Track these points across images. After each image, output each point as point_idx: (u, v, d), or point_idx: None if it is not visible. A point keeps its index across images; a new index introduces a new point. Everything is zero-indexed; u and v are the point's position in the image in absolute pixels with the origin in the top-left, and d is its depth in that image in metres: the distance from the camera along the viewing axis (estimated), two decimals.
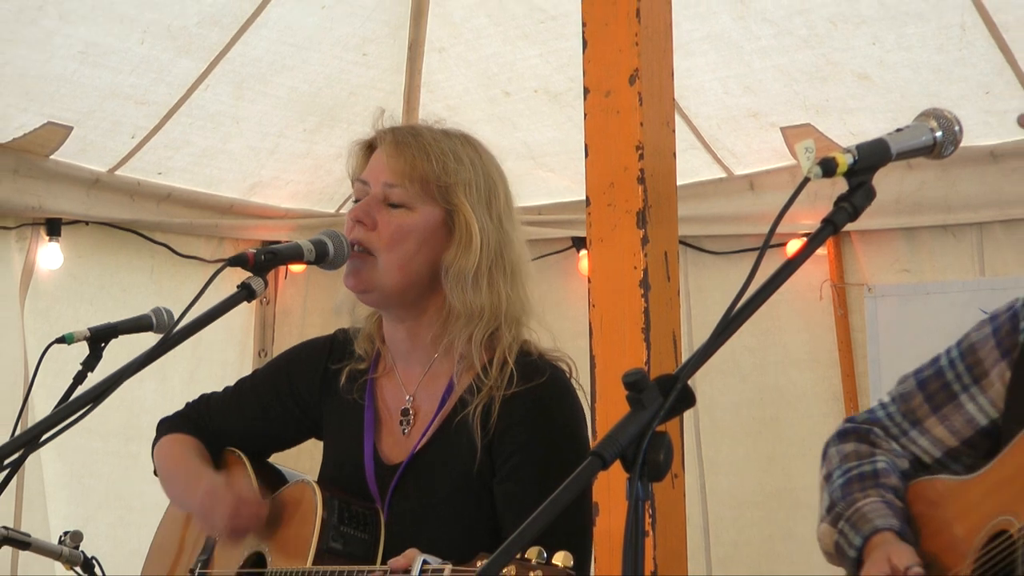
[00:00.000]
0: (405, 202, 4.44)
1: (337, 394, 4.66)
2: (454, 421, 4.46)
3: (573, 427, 4.37)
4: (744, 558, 7.98)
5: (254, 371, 5.06)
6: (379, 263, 4.41)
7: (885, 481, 3.86)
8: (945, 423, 3.88)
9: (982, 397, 3.83)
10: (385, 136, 4.54)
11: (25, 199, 7.65)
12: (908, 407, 3.94)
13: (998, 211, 7.45)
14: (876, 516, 3.78)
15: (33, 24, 6.96)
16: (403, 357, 4.60)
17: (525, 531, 2.86)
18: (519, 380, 4.38)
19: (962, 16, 6.79)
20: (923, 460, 3.92)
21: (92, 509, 7.28)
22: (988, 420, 3.81)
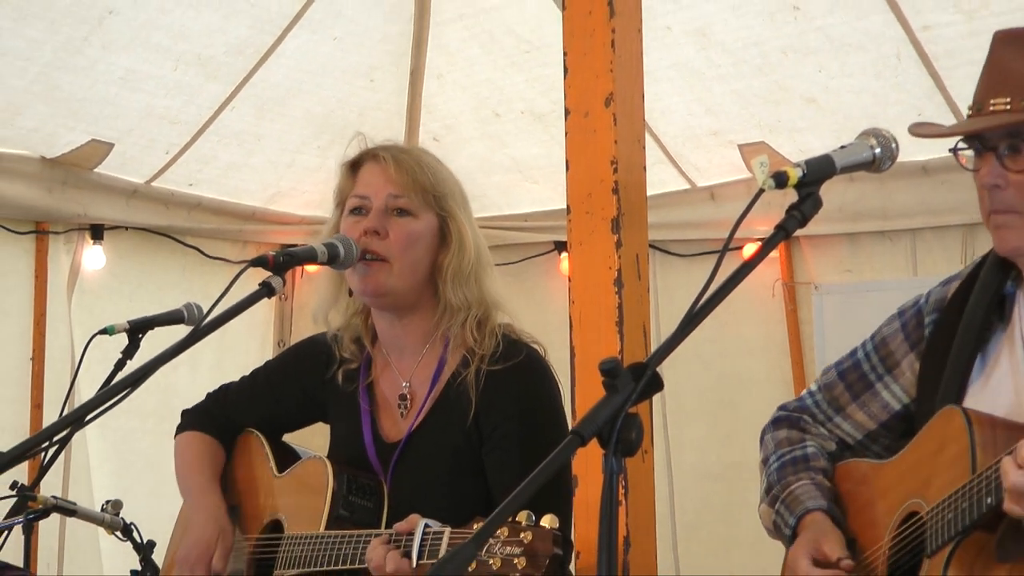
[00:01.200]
0: (411, 209, 4.47)
1: (338, 387, 4.67)
2: (447, 399, 4.48)
3: (549, 400, 4.42)
4: (705, 524, 7.97)
5: (266, 362, 5.06)
6: (393, 268, 4.43)
7: (814, 464, 3.86)
8: (864, 409, 3.88)
9: (895, 385, 3.83)
10: (380, 153, 4.54)
11: (72, 207, 7.64)
12: (831, 395, 3.94)
13: (929, 218, 7.46)
14: (807, 497, 3.78)
15: (79, 53, 6.95)
16: (397, 350, 4.61)
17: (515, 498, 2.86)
18: (502, 357, 4.42)
19: (897, 47, 6.80)
20: (847, 442, 3.93)
21: (131, 480, 7.27)
22: (901, 405, 3.81)
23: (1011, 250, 3.46)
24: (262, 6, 7.27)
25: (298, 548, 4.43)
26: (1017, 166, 3.38)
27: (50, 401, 7.53)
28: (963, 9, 6.55)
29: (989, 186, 3.41)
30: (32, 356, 7.62)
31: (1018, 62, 3.40)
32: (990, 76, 3.45)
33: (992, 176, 3.39)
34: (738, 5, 7.00)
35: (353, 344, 4.66)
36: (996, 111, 3.39)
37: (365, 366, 4.67)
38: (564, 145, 4.07)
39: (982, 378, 3.53)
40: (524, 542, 3.55)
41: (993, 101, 3.39)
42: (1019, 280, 3.56)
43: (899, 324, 3.84)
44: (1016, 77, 3.39)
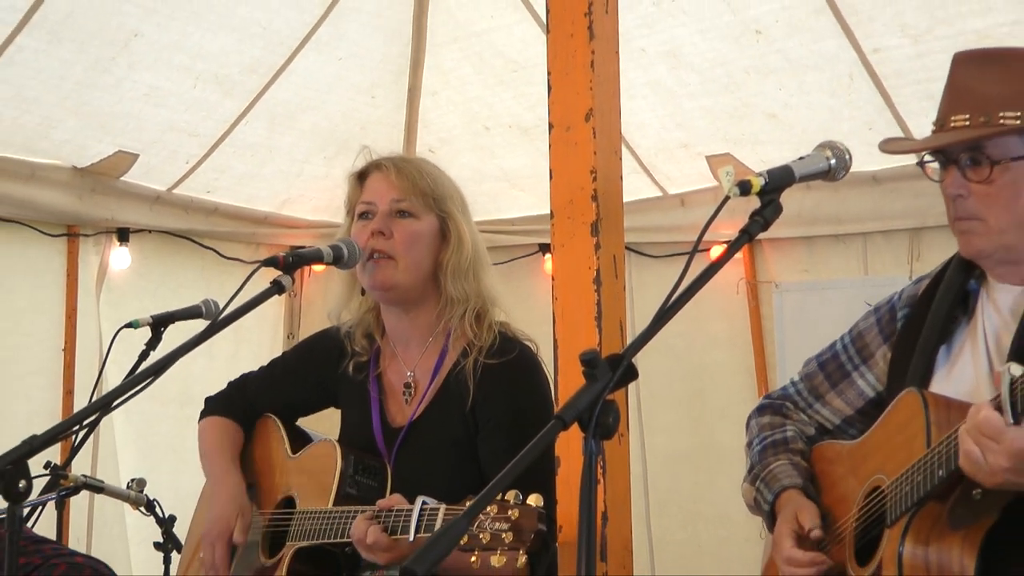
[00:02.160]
0: (412, 211, 4.52)
1: (349, 376, 4.68)
2: (448, 388, 4.49)
3: (539, 394, 4.41)
4: (675, 500, 7.98)
5: (283, 353, 5.08)
6: (399, 264, 4.49)
7: (793, 446, 3.88)
8: (841, 396, 3.89)
9: (869, 374, 3.84)
10: (383, 163, 4.59)
11: (100, 212, 7.63)
12: (811, 384, 3.96)
13: (878, 223, 7.46)
14: (784, 476, 3.79)
15: (107, 72, 6.94)
16: (403, 342, 4.63)
17: (503, 477, 2.86)
18: (498, 352, 4.45)
19: (850, 68, 6.81)
20: (826, 427, 3.94)
21: (154, 461, 7.26)
22: (875, 393, 3.82)
23: (975, 253, 3.47)
24: (274, 29, 7.27)
25: (308, 522, 4.44)
26: (978, 177, 3.38)
27: (80, 388, 7.53)
28: (909, 34, 6.56)
29: (953, 196, 3.42)
30: (64, 347, 7.62)
31: (975, 81, 3.41)
32: (951, 94, 3.46)
33: (955, 187, 3.40)
34: (706, 29, 7.01)
35: (364, 339, 4.70)
36: (956, 127, 3.39)
37: (375, 358, 4.69)
38: (548, 156, 4.07)
39: (946, 366, 3.54)
40: (511, 519, 3.56)
41: (954, 118, 3.40)
42: (982, 279, 3.57)
43: (874, 319, 3.85)
44: (974, 95, 3.40)
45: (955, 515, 3.29)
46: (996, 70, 3.43)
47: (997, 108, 3.36)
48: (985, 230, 3.42)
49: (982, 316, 3.53)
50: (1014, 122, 3.35)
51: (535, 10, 7.18)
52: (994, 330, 3.49)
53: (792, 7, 6.71)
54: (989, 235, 3.43)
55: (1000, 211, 3.40)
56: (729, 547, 7.90)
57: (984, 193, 3.40)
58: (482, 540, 3.54)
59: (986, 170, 3.38)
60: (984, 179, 3.39)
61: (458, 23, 7.69)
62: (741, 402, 7.91)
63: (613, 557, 3.95)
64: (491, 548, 3.53)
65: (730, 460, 7.91)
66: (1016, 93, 3.38)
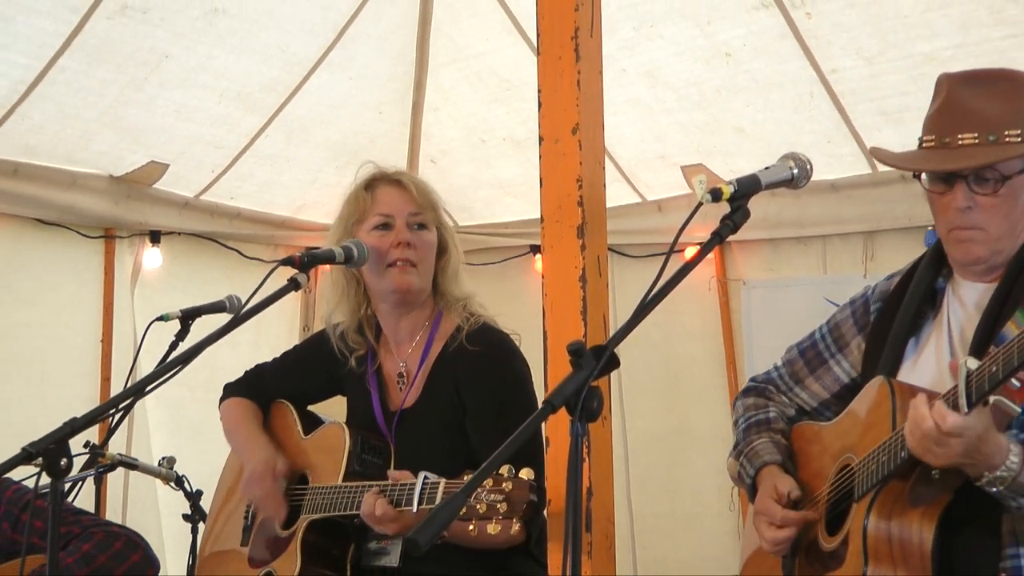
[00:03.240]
0: (426, 224, 4.59)
1: (353, 370, 4.70)
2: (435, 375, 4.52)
3: (519, 377, 4.44)
4: (653, 477, 7.98)
5: (295, 346, 5.08)
6: (419, 271, 4.54)
7: (774, 426, 3.89)
8: (819, 381, 3.90)
9: (844, 362, 3.84)
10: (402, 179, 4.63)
11: (134, 216, 7.63)
12: (792, 370, 3.96)
13: (836, 227, 7.46)
14: (765, 453, 3.80)
15: (140, 90, 6.94)
16: (396, 339, 4.66)
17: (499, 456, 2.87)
18: (480, 341, 4.47)
19: (811, 87, 6.81)
20: (805, 408, 3.95)
21: (182, 440, 7.26)
22: (849, 379, 3.83)
23: (974, 260, 3.46)
24: (291, 51, 7.27)
25: (320, 497, 4.45)
26: (983, 191, 3.37)
27: (116, 375, 7.52)
28: (864, 56, 6.56)
29: (962, 208, 3.39)
30: (101, 338, 7.61)
31: (978, 101, 3.39)
32: (952, 114, 3.42)
33: (964, 200, 3.38)
34: (681, 52, 7.00)
35: (358, 335, 4.70)
36: (965, 145, 3.36)
37: (372, 353, 4.69)
38: (539, 166, 4.06)
39: (913, 356, 3.54)
40: (505, 491, 3.58)
41: (961, 136, 3.37)
42: (949, 276, 3.57)
43: (850, 311, 3.86)
44: (977, 114, 3.37)
45: (915, 493, 3.29)
46: (993, 91, 3.41)
47: (1003, 127, 3.36)
48: (985, 238, 3.41)
49: (948, 311, 3.53)
50: (1016, 139, 3.35)
51: (527, 34, 7.16)
52: (959, 323, 3.49)
53: (758, 32, 6.70)
54: (988, 243, 3.42)
55: (1000, 220, 3.40)
56: (702, 519, 7.90)
57: (988, 205, 3.39)
58: (479, 510, 3.56)
59: (992, 185, 3.37)
60: (990, 192, 3.38)
61: (457, 46, 7.69)
62: (712, 388, 7.92)
63: (597, 527, 3.95)
64: (487, 517, 3.56)
65: (702, 441, 7.95)
66: (1014, 111, 3.38)
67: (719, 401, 7.83)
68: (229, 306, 4.79)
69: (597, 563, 3.94)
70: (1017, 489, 3.12)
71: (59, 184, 7.24)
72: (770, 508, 3.68)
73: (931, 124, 3.46)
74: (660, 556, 7.93)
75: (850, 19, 6.44)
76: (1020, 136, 3.35)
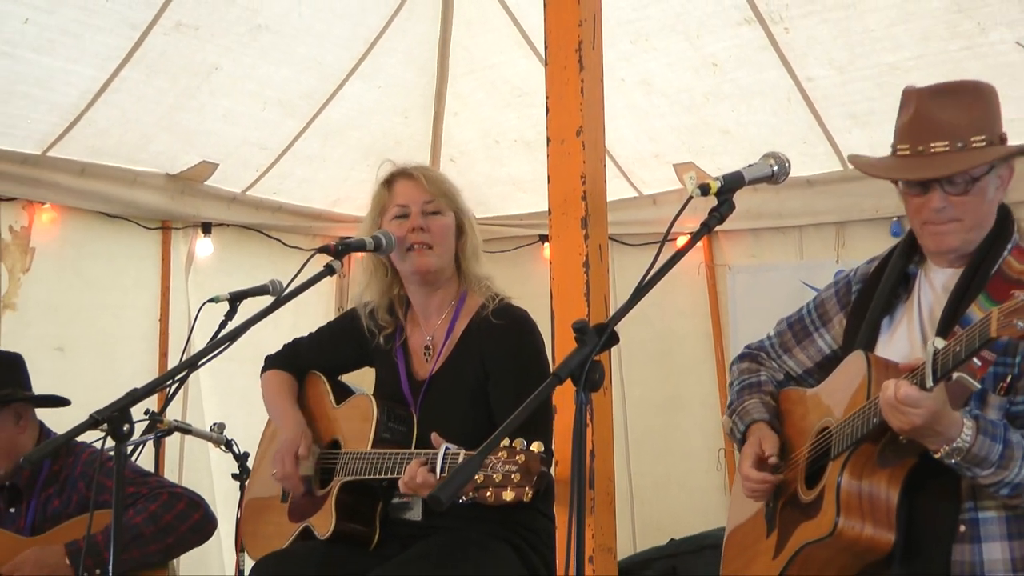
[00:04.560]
0: (439, 210, 4.59)
1: (381, 345, 4.71)
2: (460, 347, 4.54)
3: (536, 350, 4.45)
4: (649, 441, 7.97)
5: (329, 323, 5.10)
6: (436, 251, 4.56)
7: (764, 388, 3.91)
8: (804, 351, 3.91)
9: (827, 335, 3.86)
10: (413, 172, 4.65)
11: (188, 210, 7.63)
12: (782, 340, 3.98)
13: (811, 218, 7.43)
14: (755, 411, 3.81)
15: (193, 98, 6.94)
16: (424, 313, 4.68)
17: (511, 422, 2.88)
18: (502, 317, 4.49)
19: (788, 93, 6.79)
20: (791, 374, 3.96)
21: (231, 409, 7.26)
22: (831, 350, 3.85)
23: (948, 249, 3.48)
24: (326, 63, 7.26)
25: (352, 461, 4.45)
26: (955, 191, 3.38)
27: (172, 351, 7.53)
28: (835, 66, 6.54)
29: (937, 208, 3.40)
30: (159, 318, 7.62)
31: (945, 112, 3.39)
32: (921, 124, 3.42)
33: (940, 202, 3.39)
34: (673, 63, 6.99)
35: (387, 314, 4.72)
36: (937, 152, 3.37)
37: (400, 328, 4.70)
38: (546, 164, 4.06)
39: (888, 333, 3.56)
40: (519, 462, 3.58)
41: (933, 145, 3.38)
42: (920, 262, 3.59)
43: (834, 290, 3.87)
44: (947, 124, 3.37)
45: (884, 456, 3.30)
46: (958, 102, 3.41)
47: (969, 134, 3.36)
48: (959, 229, 3.42)
49: (919, 293, 3.54)
50: (981, 144, 3.34)
51: (536, 47, 7.16)
52: (928, 304, 3.51)
53: (742, 45, 6.69)
54: (961, 233, 3.43)
55: (972, 213, 3.41)
56: (692, 477, 7.89)
57: (960, 202, 3.40)
58: (495, 480, 3.56)
59: (963, 186, 3.38)
60: (962, 193, 3.38)
61: (474, 58, 7.68)
62: (702, 361, 7.90)
63: (599, 485, 3.94)
64: (503, 486, 3.56)
65: (693, 408, 7.94)
66: (977, 119, 3.38)
67: (707, 372, 7.84)
68: (272, 289, 4.79)
69: (599, 517, 3.94)
70: (971, 460, 3.13)
71: (122, 181, 7.24)
72: (750, 474, 3.70)
73: (904, 134, 3.45)
74: (655, 511, 7.93)
75: (823, 33, 6.43)
76: (985, 141, 3.36)
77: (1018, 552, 3.23)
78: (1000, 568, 3.22)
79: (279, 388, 4.88)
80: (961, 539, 3.25)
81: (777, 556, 3.53)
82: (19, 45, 6.11)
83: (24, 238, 6.98)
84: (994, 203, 3.46)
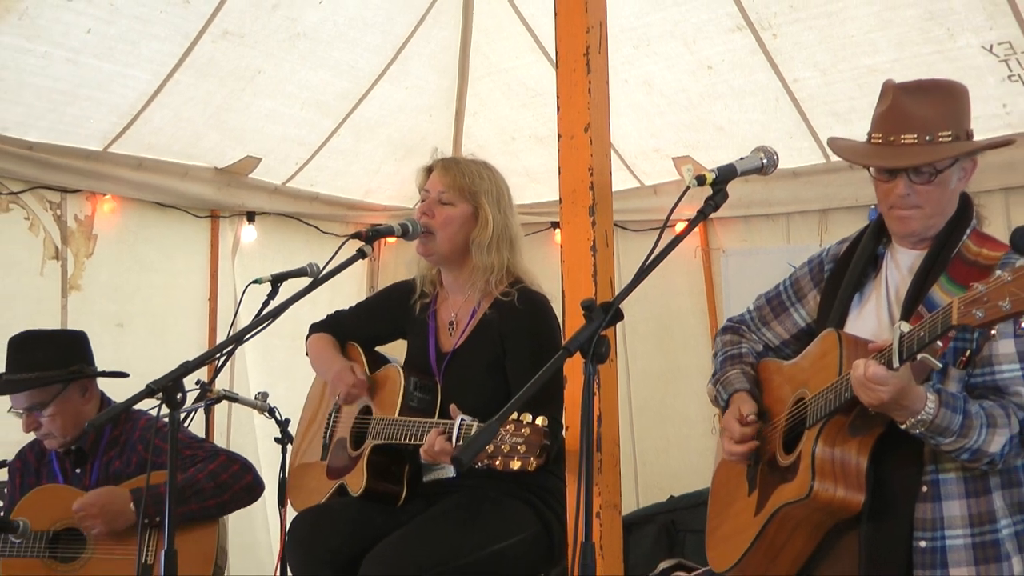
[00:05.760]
0: (450, 200, 4.55)
1: (415, 315, 4.71)
2: (481, 326, 4.54)
3: (551, 331, 4.43)
4: (649, 407, 7.96)
5: (367, 298, 5.16)
6: (436, 238, 4.52)
7: (745, 359, 3.89)
8: (781, 324, 3.89)
9: (802, 310, 3.84)
10: (438, 163, 4.63)
11: (234, 200, 7.63)
12: (760, 314, 3.95)
13: (797, 206, 7.41)
14: (736, 381, 3.79)
15: (238, 99, 6.93)
16: (451, 291, 4.68)
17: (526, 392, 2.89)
18: (521, 301, 4.47)
19: (776, 94, 6.77)
20: (770, 345, 3.94)
21: (273, 379, 7.26)
22: (806, 324, 3.83)
23: (910, 232, 3.47)
24: (358, 68, 7.25)
25: (381, 426, 4.47)
26: (920, 180, 3.36)
27: (220, 327, 7.54)
28: (819, 69, 6.52)
29: (903, 195, 3.39)
30: (208, 298, 7.63)
31: (917, 107, 3.37)
32: (895, 117, 3.40)
33: (905, 189, 3.37)
34: (671, 66, 6.97)
35: (429, 285, 4.75)
36: (907, 144, 3.35)
37: (434, 300, 4.72)
38: (557, 158, 4.06)
39: (858, 309, 3.55)
40: (524, 435, 3.61)
41: (904, 136, 3.35)
42: (888, 244, 3.57)
43: (807, 269, 3.85)
44: (915, 118, 3.35)
45: (854, 426, 3.31)
46: (930, 99, 3.39)
47: (937, 129, 3.34)
48: (921, 215, 3.41)
49: (886, 273, 3.53)
50: (948, 139, 3.33)
51: (547, 52, 7.15)
52: (895, 284, 3.50)
53: (734, 50, 6.67)
54: (922, 219, 3.41)
55: (934, 202, 3.39)
56: (689, 440, 7.89)
57: (924, 191, 3.38)
58: (504, 450, 3.61)
59: (928, 177, 3.36)
60: (926, 182, 3.37)
61: (491, 62, 7.66)
62: (698, 336, 7.89)
63: (605, 448, 3.95)
64: (510, 456, 3.60)
65: (689, 377, 7.93)
66: (946, 115, 3.36)
67: (703, 346, 7.82)
68: (309, 271, 4.79)
69: (605, 476, 3.95)
70: (934, 430, 3.15)
71: (174, 175, 7.24)
72: (731, 426, 3.69)
73: (879, 123, 3.44)
74: (656, 471, 7.92)
75: (808, 39, 6.42)
76: (951, 136, 3.34)
77: (974, 509, 3.25)
78: (958, 523, 3.24)
79: (325, 345, 4.90)
80: (923, 498, 3.26)
81: (758, 513, 3.53)
82: (82, 52, 6.12)
83: (88, 226, 7.00)
84: (956, 192, 3.44)
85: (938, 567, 3.21)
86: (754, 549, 3.51)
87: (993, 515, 3.24)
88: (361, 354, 4.84)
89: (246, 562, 7.32)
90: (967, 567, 3.21)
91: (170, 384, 3.42)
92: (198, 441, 5.01)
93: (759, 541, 3.49)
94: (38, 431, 4.86)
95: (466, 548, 4.25)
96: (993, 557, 3.21)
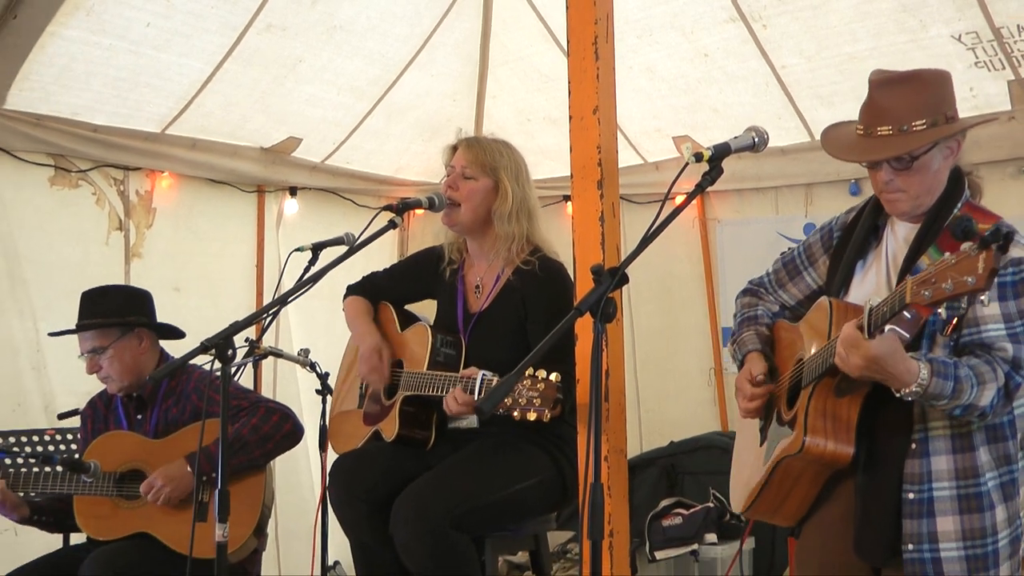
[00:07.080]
0: (472, 175, 4.54)
1: (444, 278, 4.70)
2: (505, 290, 4.52)
3: (567, 296, 4.37)
4: (652, 360, 7.95)
5: (399, 260, 5.16)
6: (460, 209, 4.50)
7: (760, 321, 3.84)
8: (796, 286, 3.84)
9: (814, 273, 3.79)
10: (462, 142, 4.61)
11: (278, 176, 7.62)
12: (777, 277, 3.90)
13: (785, 180, 7.40)
14: (750, 342, 3.76)
15: (281, 86, 6.93)
16: (476, 258, 4.67)
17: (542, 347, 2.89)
18: (541, 268, 4.46)
19: (766, 79, 6.76)
20: (787, 306, 3.89)
21: (314, 337, 7.27)
22: (817, 286, 3.77)
23: (899, 213, 3.44)
24: (389, 56, 7.23)
25: (411, 379, 4.47)
26: (900, 167, 3.31)
27: (266, 290, 7.55)
28: (804, 56, 6.50)
29: (886, 181, 3.35)
30: (256, 264, 7.63)
31: (892, 99, 3.32)
32: (872, 109, 3.36)
33: (887, 176, 3.33)
34: (671, 54, 6.95)
35: (456, 252, 4.73)
36: (883, 135, 3.31)
37: (461, 265, 4.70)
38: (568, 137, 4.05)
39: (860, 275, 3.52)
40: (539, 390, 3.65)
41: (880, 128, 3.31)
42: (887, 217, 3.52)
43: (819, 236, 3.78)
44: (892, 111, 3.31)
45: (840, 388, 3.31)
46: (905, 89, 3.33)
47: (911, 119, 3.29)
48: (907, 198, 3.36)
49: (886, 242, 3.50)
50: (922, 127, 3.28)
51: (560, 42, 7.12)
52: (893, 252, 3.47)
53: (728, 39, 6.66)
54: (909, 201, 3.37)
55: (917, 185, 3.34)
56: (688, 392, 7.90)
57: (905, 176, 3.34)
58: (520, 403, 3.64)
59: (906, 164, 3.32)
60: (905, 168, 3.33)
61: (509, 51, 7.65)
62: (695, 298, 7.89)
63: (612, 398, 3.95)
64: (527, 408, 3.63)
65: (687, 335, 7.93)
66: (921, 104, 3.30)
67: (700, 307, 7.83)
68: (346, 240, 4.77)
69: (612, 424, 3.95)
70: (929, 397, 3.13)
71: (224, 153, 7.24)
72: (743, 385, 3.69)
73: (861, 116, 3.41)
74: (658, 419, 7.93)
75: (794, 29, 6.41)
76: (925, 124, 3.29)
77: (960, 463, 3.22)
78: (945, 477, 3.22)
79: (359, 311, 4.88)
80: (912, 454, 3.24)
81: (766, 463, 3.54)
82: (142, 44, 6.14)
83: (148, 200, 7.03)
84: (942, 171, 3.38)
85: (924, 516, 3.20)
86: (763, 494, 3.53)
87: (977, 470, 3.21)
88: (393, 313, 4.84)
89: (292, 500, 7.37)
90: (952, 516, 3.19)
91: (222, 341, 3.45)
92: (243, 392, 5.02)
93: (767, 488, 3.50)
94: (99, 373, 4.92)
95: (488, 489, 4.26)
96: (976, 507, 3.19)
